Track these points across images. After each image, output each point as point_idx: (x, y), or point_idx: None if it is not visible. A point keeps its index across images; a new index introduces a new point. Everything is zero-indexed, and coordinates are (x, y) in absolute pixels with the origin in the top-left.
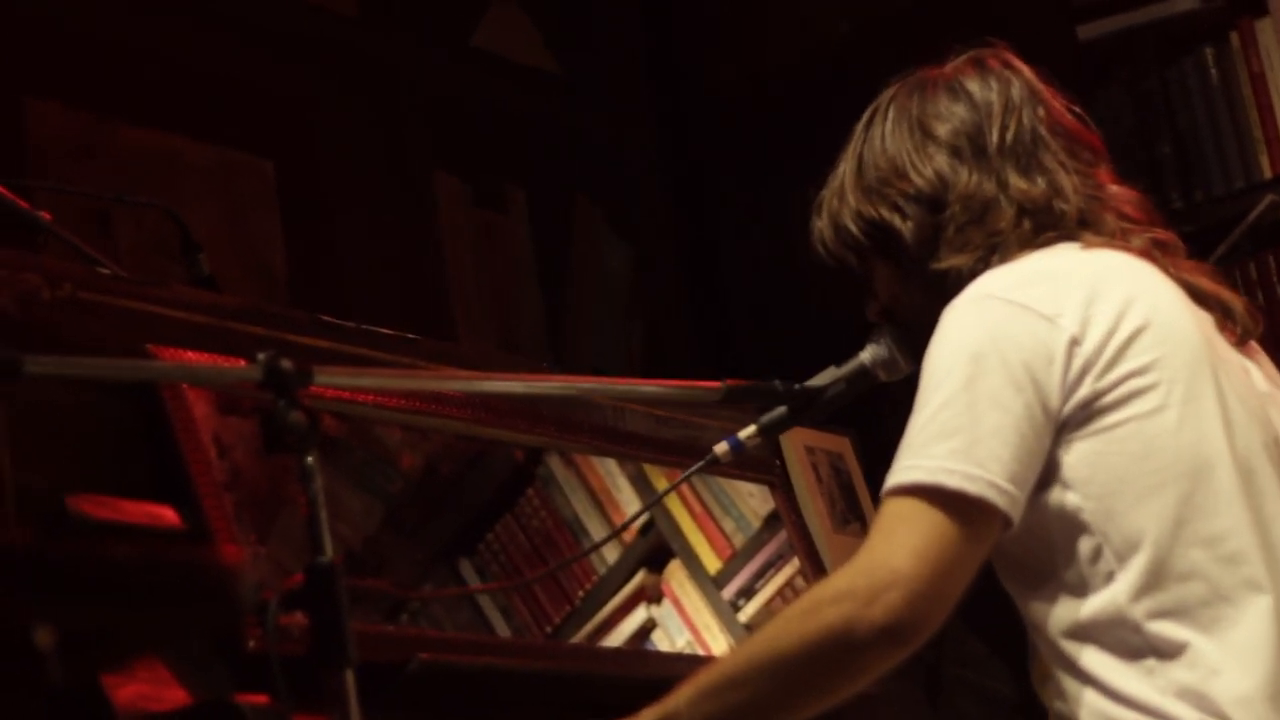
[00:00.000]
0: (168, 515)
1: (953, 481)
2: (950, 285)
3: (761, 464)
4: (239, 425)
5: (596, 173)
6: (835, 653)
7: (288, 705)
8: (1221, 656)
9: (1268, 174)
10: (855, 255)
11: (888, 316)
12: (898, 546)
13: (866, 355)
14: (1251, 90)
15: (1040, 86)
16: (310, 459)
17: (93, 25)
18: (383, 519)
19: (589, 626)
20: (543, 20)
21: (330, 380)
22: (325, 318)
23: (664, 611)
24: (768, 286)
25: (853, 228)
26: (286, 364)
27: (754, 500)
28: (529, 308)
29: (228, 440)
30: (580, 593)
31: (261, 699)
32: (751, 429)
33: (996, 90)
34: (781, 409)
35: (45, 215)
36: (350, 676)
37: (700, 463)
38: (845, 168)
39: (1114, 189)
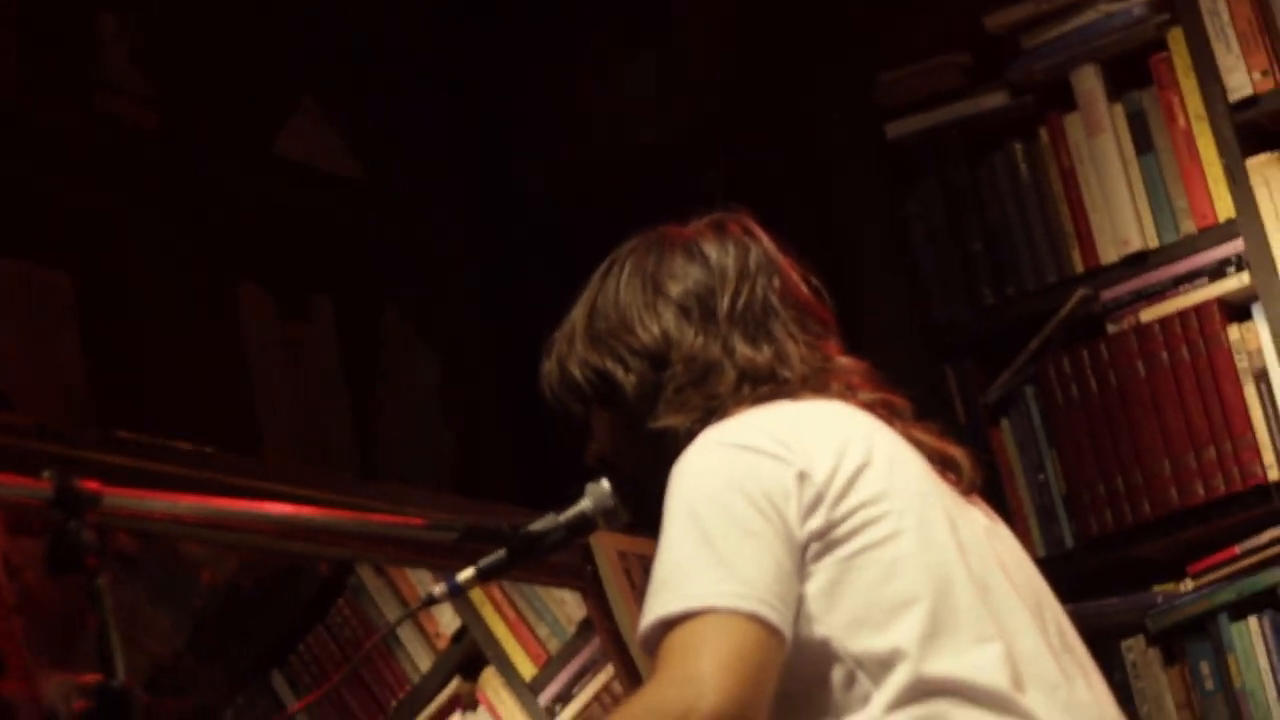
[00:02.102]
0: None
1: (723, 602)
2: (667, 444)
3: (573, 570)
4: (29, 545)
5: (405, 280)
6: None
7: None
8: None
9: (1079, 268)
10: (578, 401)
11: (605, 463)
12: (698, 662)
13: (587, 503)
14: (1062, 185)
15: (778, 256)
16: (100, 580)
17: None
18: (189, 636)
19: None
20: (347, 126)
21: (121, 502)
22: (121, 434)
23: (479, 719)
24: None
25: (577, 374)
26: (76, 483)
27: (568, 606)
28: (337, 418)
29: (17, 561)
30: (394, 702)
31: None
32: (470, 572)
33: (733, 255)
34: (501, 552)
35: None
36: None
37: (420, 604)
38: (578, 313)
39: (842, 360)
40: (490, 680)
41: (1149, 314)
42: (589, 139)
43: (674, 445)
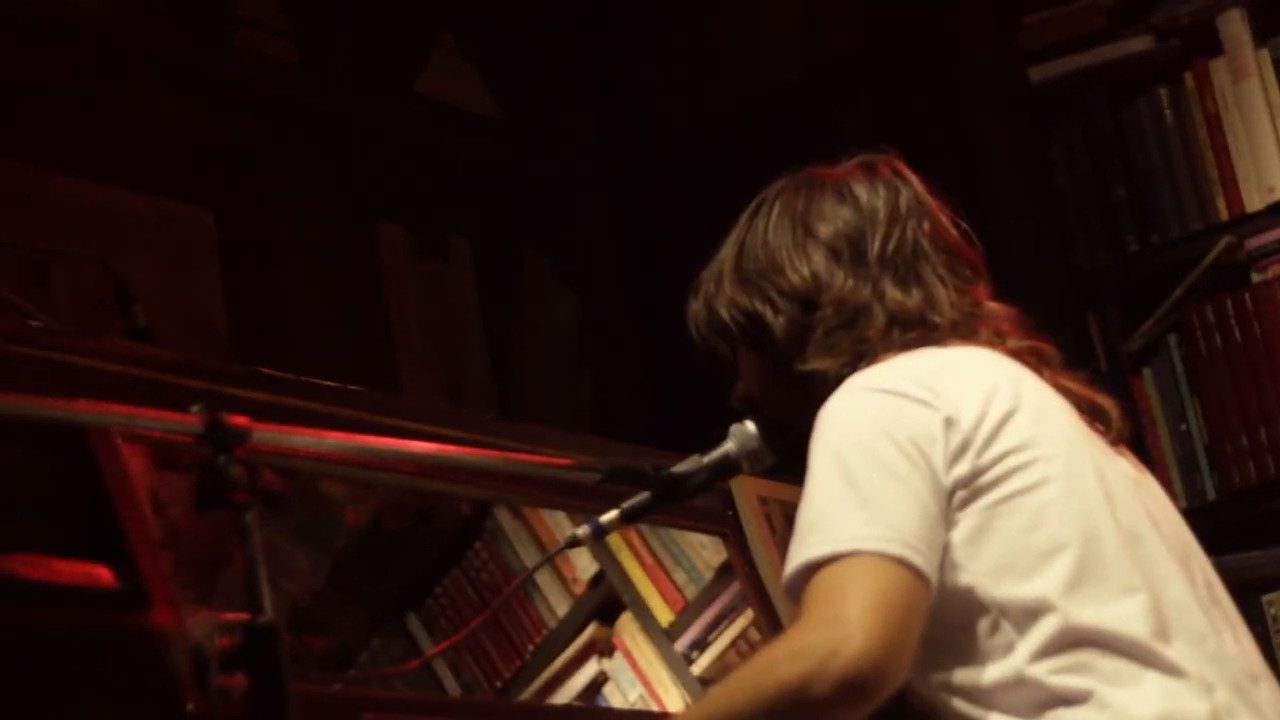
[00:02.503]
0: (102, 574)
1: (870, 545)
2: (814, 387)
3: (714, 515)
4: (176, 481)
5: (543, 222)
6: (794, 710)
7: None
8: (1126, 701)
9: (1224, 216)
10: (725, 342)
11: (751, 405)
12: (845, 604)
13: (731, 446)
14: (1207, 131)
15: (927, 199)
16: (249, 516)
17: (27, 75)
18: (328, 575)
19: (539, 681)
20: (487, 67)
21: (268, 438)
22: (264, 370)
23: (616, 665)
24: None
25: (725, 315)
26: (224, 418)
27: (706, 552)
28: (474, 358)
29: (164, 496)
30: (530, 647)
31: None
32: (613, 514)
33: (884, 198)
34: (645, 494)
35: None
36: None
37: (561, 546)
38: (726, 254)
39: (991, 305)
40: (627, 626)
41: None
42: (728, 75)
43: (821, 389)
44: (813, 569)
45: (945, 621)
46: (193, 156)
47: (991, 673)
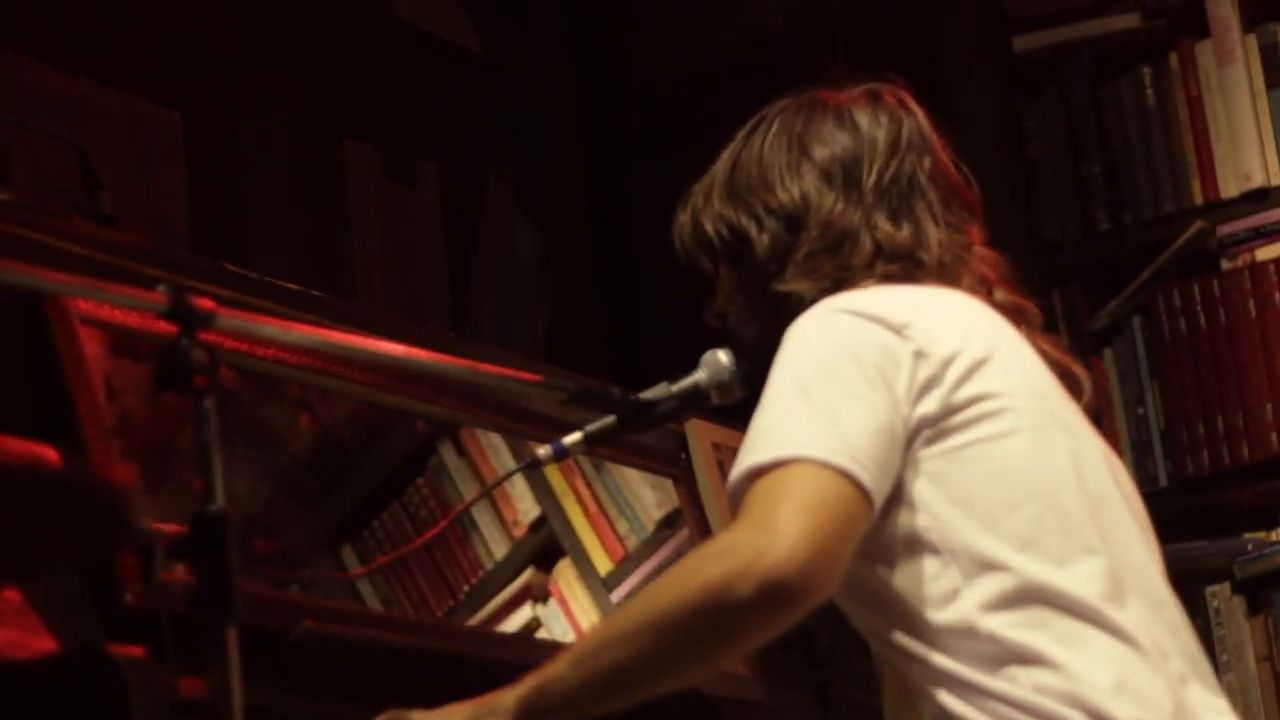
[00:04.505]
0: (49, 456)
1: (815, 452)
2: (789, 309)
3: (666, 456)
4: (131, 369)
5: (512, 152)
6: (715, 610)
7: (170, 659)
8: (1083, 668)
9: (1198, 200)
10: (708, 257)
11: (726, 327)
12: (779, 508)
13: (701, 375)
14: (1188, 113)
15: (931, 134)
16: (207, 402)
17: None
18: (276, 483)
19: (472, 622)
20: None
21: (233, 324)
22: (228, 266)
23: (550, 611)
24: (679, 279)
25: (709, 228)
26: (191, 299)
27: (649, 503)
28: (434, 282)
29: (119, 383)
30: (465, 587)
31: (137, 650)
32: (577, 436)
33: (885, 127)
34: (611, 418)
35: None
36: (234, 634)
37: (522, 465)
38: (719, 168)
39: (981, 250)
40: (564, 572)
41: (1265, 253)
42: (709, 22)
43: (796, 312)
44: (755, 474)
45: (893, 560)
46: (165, 57)
47: (936, 617)
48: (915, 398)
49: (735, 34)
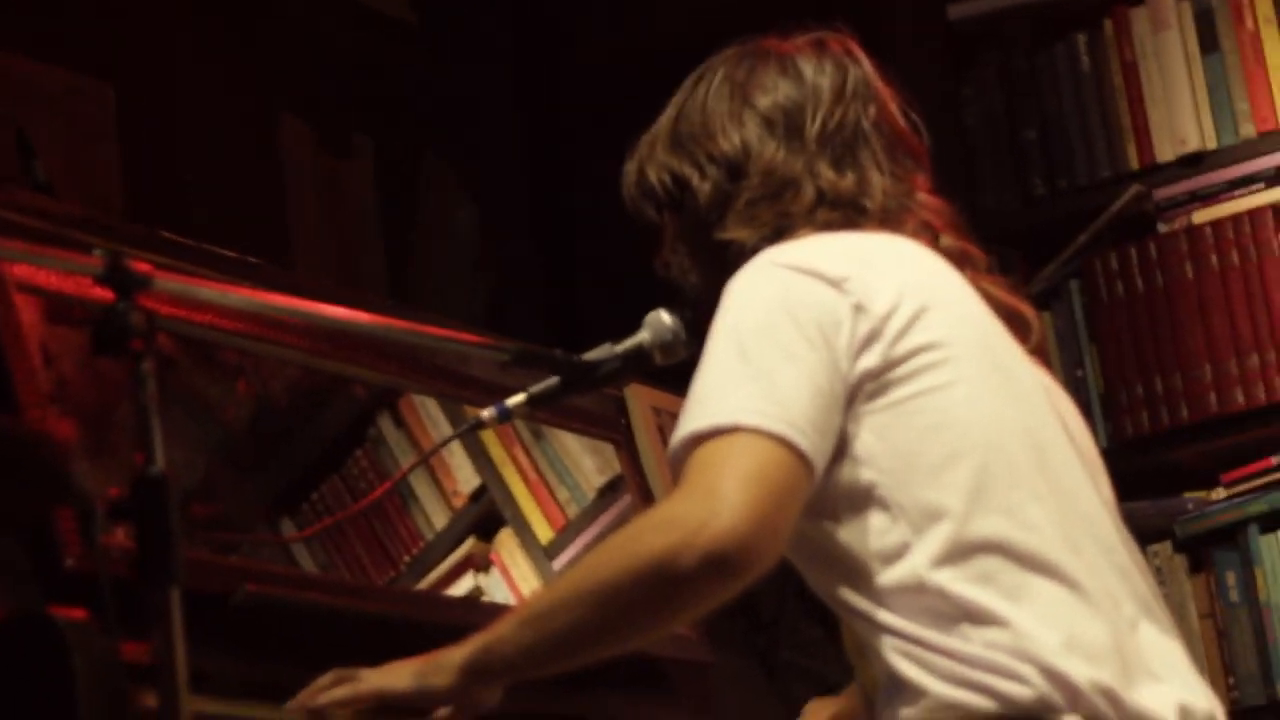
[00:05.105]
0: None
1: (751, 420)
2: (730, 258)
3: (607, 421)
4: (68, 335)
5: (448, 128)
6: (658, 582)
7: (112, 623)
8: (1032, 627)
9: (1134, 165)
10: (652, 205)
11: (672, 282)
12: (721, 479)
13: (645, 335)
14: (1123, 79)
15: (877, 82)
16: (144, 365)
17: None
18: (215, 453)
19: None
20: None
21: (171, 287)
22: (165, 233)
23: (491, 581)
24: (620, 255)
25: (653, 177)
26: (128, 263)
27: (590, 470)
28: (370, 258)
29: (55, 350)
30: (406, 558)
31: (79, 614)
32: (520, 397)
33: (830, 75)
34: (554, 380)
35: None
36: (176, 595)
37: (465, 427)
38: (664, 117)
39: (925, 197)
40: (506, 542)
41: (1201, 216)
42: (644, 5)
43: (736, 260)
44: (695, 441)
45: (837, 515)
46: (100, 32)
47: (884, 573)
48: (856, 353)
49: (672, 14)
